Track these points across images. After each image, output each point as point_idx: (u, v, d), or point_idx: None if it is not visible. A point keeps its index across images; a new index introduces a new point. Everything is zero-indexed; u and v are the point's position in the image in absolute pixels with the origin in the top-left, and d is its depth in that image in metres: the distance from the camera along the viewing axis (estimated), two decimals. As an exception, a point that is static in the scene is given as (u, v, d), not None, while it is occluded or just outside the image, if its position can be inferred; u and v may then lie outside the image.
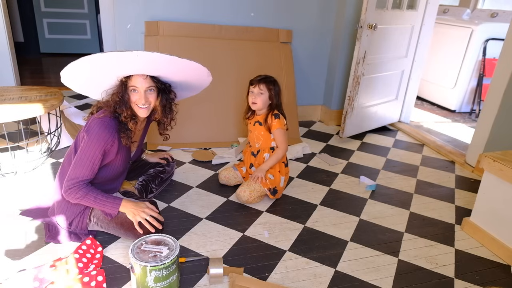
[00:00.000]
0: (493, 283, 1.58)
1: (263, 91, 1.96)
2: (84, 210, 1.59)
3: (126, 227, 1.55)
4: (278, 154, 1.98)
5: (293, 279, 1.51)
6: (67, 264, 1.42)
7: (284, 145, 1.98)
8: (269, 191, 1.99)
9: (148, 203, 1.60)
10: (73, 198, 1.49)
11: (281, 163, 2.04)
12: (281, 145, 1.99)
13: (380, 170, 2.54)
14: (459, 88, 3.80)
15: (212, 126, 2.68)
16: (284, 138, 1.99)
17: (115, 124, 1.52)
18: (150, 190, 1.95)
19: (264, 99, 1.97)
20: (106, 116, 1.51)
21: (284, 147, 1.98)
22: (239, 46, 2.80)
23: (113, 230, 1.60)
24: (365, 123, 3.10)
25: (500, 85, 2.34)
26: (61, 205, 1.60)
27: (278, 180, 2.01)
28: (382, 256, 1.69)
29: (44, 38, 4.92)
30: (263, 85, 1.96)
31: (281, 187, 2.03)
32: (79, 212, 1.58)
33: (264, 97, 1.96)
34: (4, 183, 2.02)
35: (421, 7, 3.01)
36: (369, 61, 2.77)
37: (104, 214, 1.55)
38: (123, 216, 1.56)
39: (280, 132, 1.98)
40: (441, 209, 2.12)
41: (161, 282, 1.29)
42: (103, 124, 1.49)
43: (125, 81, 1.52)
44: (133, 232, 1.54)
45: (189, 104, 2.61)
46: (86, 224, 1.60)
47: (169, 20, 2.65)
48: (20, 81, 2.77)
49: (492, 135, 2.42)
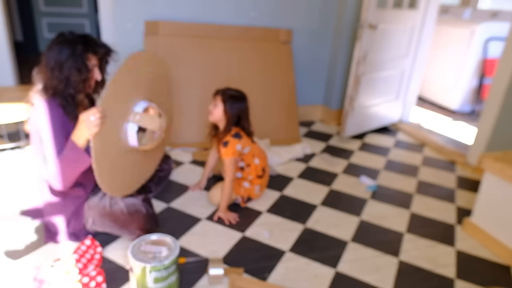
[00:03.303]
0: (494, 283, 1.58)
1: (217, 102, 1.86)
2: (78, 209, 1.57)
3: (120, 224, 1.55)
4: (225, 188, 1.85)
5: (293, 280, 1.51)
6: (67, 264, 1.41)
7: (228, 176, 1.84)
8: (241, 199, 1.96)
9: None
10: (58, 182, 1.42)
11: (255, 177, 1.97)
12: (226, 176, 1.85)
13: (380, 170, 2.53)
14: (460, 88, 3.79)
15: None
16: (228, 167, 1.84)
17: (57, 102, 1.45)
18: (149, 190, 1.94)
19: (219, 111, 1.85)
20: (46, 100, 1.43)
21: (228, 178, 1.84)
22: (239, 46, 2.79)
23: (109, 228, 1.59)
24: (366, 123, 3.09)
25: (501, 84, 2.33)
26: (54, 207, 1.58)
27: (253, 189, 1.98)
28: (382, 256, 1.69)
29: (43, 38, 4.91)
30: (219, 96, 1.86)
31: (256, 194, 2.00)
32: (73, 212, 1.57)
33: (219, 110, 1.85)
34: (4, 183, 2.02)
35: (422, 6, 3.00)
36: (369, 60, 2.77)
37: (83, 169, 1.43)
38: (117, 213, 1.55)
39: (226, 162, 1.84)
40: (442, 209, 2.12)
41: (160, 283, 1.29)
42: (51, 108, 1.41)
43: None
44: (128, 230, 1.55)
45: (189, 104, 2.61)
46: (83, 224, 1.59)
47: (169, 20, 2.65)
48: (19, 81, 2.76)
49: (493, 135, 2.41)
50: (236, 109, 1.86)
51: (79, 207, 1.58)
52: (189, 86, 2.62)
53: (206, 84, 2.64)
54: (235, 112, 1.86)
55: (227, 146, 1.84)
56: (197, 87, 2.63)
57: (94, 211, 1.57)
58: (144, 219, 1.59)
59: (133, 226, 1.56)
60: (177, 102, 2.59)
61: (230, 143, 1.84)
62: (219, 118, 1.88)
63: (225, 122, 1.88)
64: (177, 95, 2.58)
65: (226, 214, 1.85)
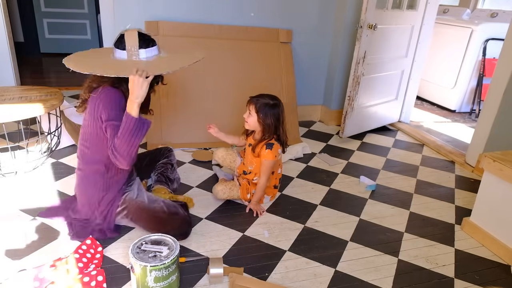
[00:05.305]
0: (493, 283, 1.58)
1: (251, 112, 1.84)
2: (114, 200, 1.60)
3: (158, 221, 1.59)
4: (260, 185, 1.91)
5: (293, 279, 1.51)
6: (67, 264, 1.42)
7: (265, 175, 1.88)
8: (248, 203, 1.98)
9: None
10: (125, 159, 1.44)
11: (271, 186, 2.01)
12: (263, 175, 1.89)
13: (380, 170, 2.54)
14: (459, 88, 3.80)
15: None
16: (267, 169, 1.88)
17: (121, 92, 1.51)
18: (170, 180, 1.99)
19: (253, 120, 1.84)
20: (109, 88, 1.50)
21: (265, 177, 1.89)
22: (239, 46, 2.80)
23: (144, 222, 1.61)
24: (365, 123, 3.10)
25: (500, 85, 2.34)
26: (91, 197, 1.60)
27: (263, 194, 1.99)
28: (382, 256, 1.69)
29: (44, 38, 4.92)
30: (252, 105, 1.83)
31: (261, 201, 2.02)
32: (109, 202, 1.60)
33: (253, 119, 1.84)
34: (4, 183, 2.02)
35: (421, 7, 3.01)
36: (369, 61, 2.77)
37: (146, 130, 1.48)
38: (157, 210, 1.59)
39: (266, 163, 1.87)
40: (441, 209, 2.12)
41: (161, 282, 1.29)
42: (112, 91, 1.48)
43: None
44: (165, 229, 1.55)
45: (189, 104, 2.61)
46: (114, 215, 1.61)
47: (169, 20, 2.65)
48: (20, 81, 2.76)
49: (492, 135, 2.42)
50: (270, 117, 1.82)
51: (114, 198, 1.61)
52: (189, 86, 2.63)
53: (206, 85, 2.65)
54: (270, 121, 1.83)
55: (271, 148, 1.85)
56: (197, 87, 2.63)
57: (131, 203, 1.60)
58: (182, 221, 1.64)
59: (171, 226, 1.59)
60: (177, 102, 2.60)
61: (275, 146, 1.86)
62: (254, 126, 1.88)
63: (261, 130, 1.87)
64: (177, 95, 2.59)
65: (257, 207, 1.93)
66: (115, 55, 1.51)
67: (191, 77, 2.63)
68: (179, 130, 2.60)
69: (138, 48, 1.47)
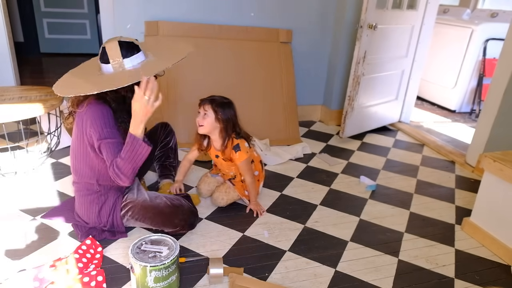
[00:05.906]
0: (493, 283, 1.58)
1: (207, 112, 1.77)
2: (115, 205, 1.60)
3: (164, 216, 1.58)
4: (249, 183, 1.90)
5: (293, 279, 1.51)
6: (67, 264, 1.42)
7: (248, 173, 1.87)
8: (248, 200, 1.98)
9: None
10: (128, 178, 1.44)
11: (261, 172, 2.01)
12: (246, 174, 1.88)
13: (380, 170, 2.53)
14: (459, 88, 3.80)
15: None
16: (248, 167, 1.87)
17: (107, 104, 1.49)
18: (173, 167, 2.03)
19: (210, 121, 1.78)
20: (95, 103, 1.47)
21: (249, 175, 1.88)
22: (239, 46, 2.80)
23: (150, 220, 1.60)
24: (365, 123, 3.10)
25: (500, 85, 2.33)
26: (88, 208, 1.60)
27: (257, 188, 2.00)
28: (382, 256, 1.69)
29: (44, 38, 4.91)
30: (208, 105, 1.78)
31: (258, 192, 2.03)
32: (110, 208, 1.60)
33: (210, 120, 1.78)
34: (4, 183, 2.02)
35: (421, 7, 3.01)
36: (369, 61, 2.77)
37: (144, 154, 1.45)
38: (161, 205, 1.59)
39: (242, 165, 1.85)
40: (441, 209, 2.12)
41: (161, 282, 1.29)
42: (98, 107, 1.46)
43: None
44: (172, 222, 1.57)
45: (189, 104, 2.61)
46: (120, 219, 1.61)
47: (169, 20, 2.65)
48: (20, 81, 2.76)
49: (492, 135, 2.42)
50: (228, 114, 1.80)
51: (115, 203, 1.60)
52: (189, 86, 2.63)
53: (206, 85, 2.64)
54: (229, 116, 1.80)
55: (240, 149, 1.82)
56: (197, 87, 2.63)
57: (134, 203, 1.60)
58: (187, 211, 1.64)
59: (178, 218, 1.60)
60: (177, 103, 2.60)
61: (240, 144, 1.82)
62: (211, 128, 1.80)
63: (220, 129, 1.81)
64: (176, 95, 2.59)
65: (257, 207, 1.93)
66: (102, 70, 1.48)
67: (191, 77, 2.63)
68: (179, 130, 2.59)
69: (122, 58, 1.44)
